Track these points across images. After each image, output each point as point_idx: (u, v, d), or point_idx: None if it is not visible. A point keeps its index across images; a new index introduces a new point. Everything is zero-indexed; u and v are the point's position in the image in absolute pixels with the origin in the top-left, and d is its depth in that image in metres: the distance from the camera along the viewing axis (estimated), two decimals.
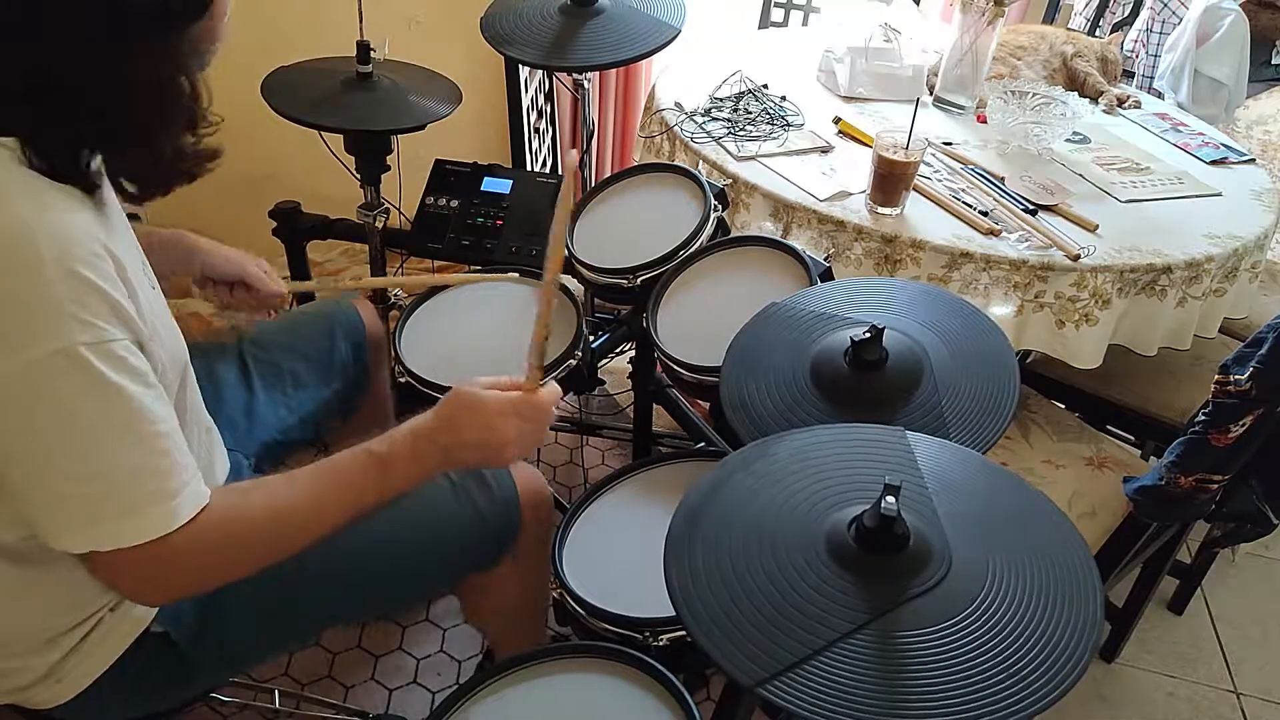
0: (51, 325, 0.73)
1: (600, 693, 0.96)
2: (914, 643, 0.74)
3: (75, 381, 0.74)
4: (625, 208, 1.59)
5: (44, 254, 0.73)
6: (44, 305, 0.73)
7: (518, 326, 1.48)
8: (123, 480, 0.77)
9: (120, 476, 0.77)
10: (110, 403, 0.76)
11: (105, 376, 0.75)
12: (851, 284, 1.22)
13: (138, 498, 0.78)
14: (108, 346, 0.76)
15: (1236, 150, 1.89)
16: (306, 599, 1.07)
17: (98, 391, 0.75)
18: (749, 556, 0.82)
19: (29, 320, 0.73)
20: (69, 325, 0.73)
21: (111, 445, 0.77)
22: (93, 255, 0.76)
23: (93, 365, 0.75)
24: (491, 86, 2.31)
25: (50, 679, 0.94)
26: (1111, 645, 1.83)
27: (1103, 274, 1.45)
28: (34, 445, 0.76)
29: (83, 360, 0.74)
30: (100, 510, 0.77)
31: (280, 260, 1.90)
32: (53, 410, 0.75)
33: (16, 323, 0.73)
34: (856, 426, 0.97)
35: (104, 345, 0.76)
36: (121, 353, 0.77)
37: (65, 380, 0.74)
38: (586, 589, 1.15)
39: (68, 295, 0.74)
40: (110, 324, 0.76)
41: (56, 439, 0.75)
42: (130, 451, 0.77)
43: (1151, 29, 2.47)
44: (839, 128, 1.78)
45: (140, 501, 0.78)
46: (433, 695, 1.62)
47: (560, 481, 2.06)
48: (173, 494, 0.80)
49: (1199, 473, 1.32)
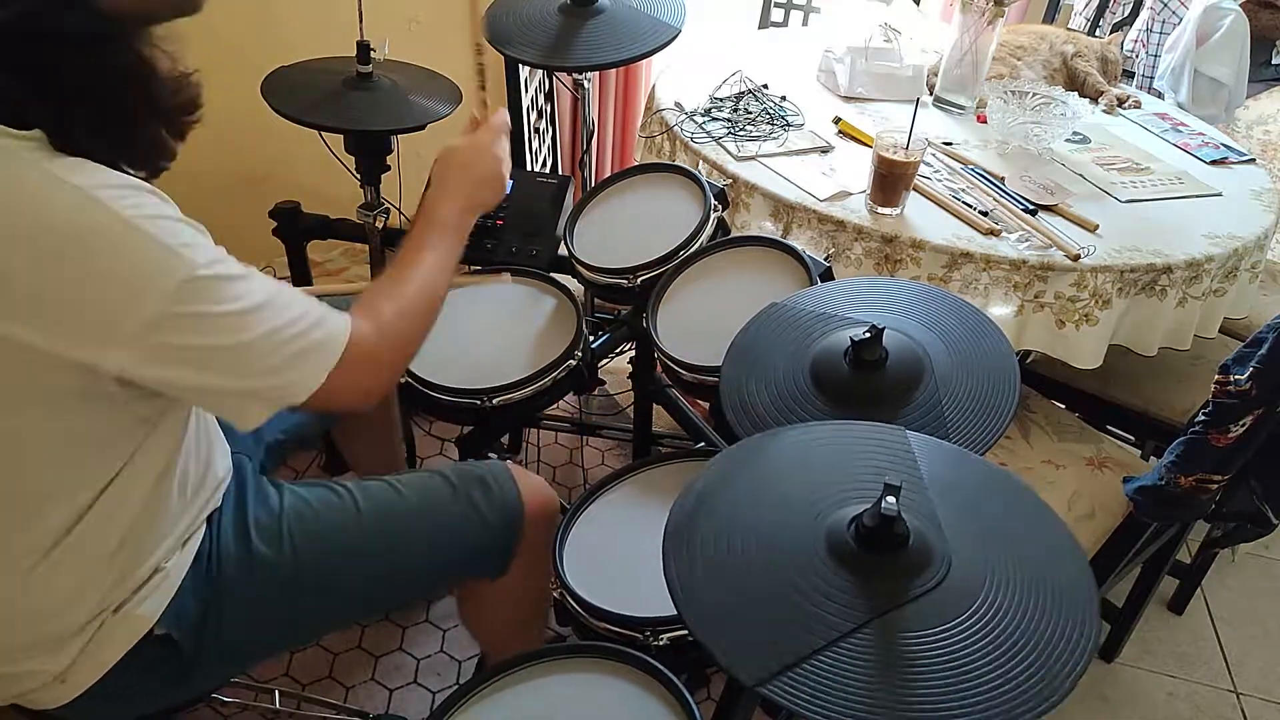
0: (162, 266, 0.78)
1: (601, 693, 0.95)
2: (914, 643, 0.74)
3: (214, 295, 0.81)
4: (625, 208, 1.59)
5: (119, 213, 0.77)
6: (146, 255, 0.78)
7: (518, 326, 1.48)
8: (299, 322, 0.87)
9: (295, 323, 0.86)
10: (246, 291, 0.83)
11: (231, 279, 0.82)
12: (851, 284, 1.22)
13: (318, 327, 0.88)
14: (215, 267, 0.81)
15: (1236, 150, 1.89)
16: (307, 600, 1.07)
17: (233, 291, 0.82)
18: (749, 555, 0.82)
19: (145, 273, 0.77)
20: (176, 259, 0.78)
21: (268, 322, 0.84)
22: (154, 199, 0.81)
23: (217, 280, 0.81)
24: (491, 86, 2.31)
25: (56, 680, 0.94)
26: (1111, 645, 1.83)
27: (1103, 274, 1.45)
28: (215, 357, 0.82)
29: (207, 282, 0.80)
30: (302, 351, 0.87)
31: (281, 260, 1.91)
32: (211, 324, 0.81)
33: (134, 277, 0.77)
34: (856, 424, 0.97)
35: (213, 265, 0.81)
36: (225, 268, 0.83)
37: (206, 300, 0.80)
38: (587, 589, 1.15)
39: (159, 235, 0.78)
40: (205, 242, 0.83)
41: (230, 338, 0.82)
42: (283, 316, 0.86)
43: (1151, 29, 2.47)
44: (839, 128, 1.78)
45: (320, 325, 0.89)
46: (433, 695, 1.62)
47: (560, 481, 2.06)
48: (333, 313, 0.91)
49: (1199, 473, 1.32)
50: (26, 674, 0.93)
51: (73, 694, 0.95)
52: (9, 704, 0.97)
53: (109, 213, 0.76)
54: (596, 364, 1.54)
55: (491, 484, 1.17)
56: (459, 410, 1.35)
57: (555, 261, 1.64)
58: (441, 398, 1.34)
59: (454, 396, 1.34)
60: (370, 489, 1.14)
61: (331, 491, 1.13)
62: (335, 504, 1.12)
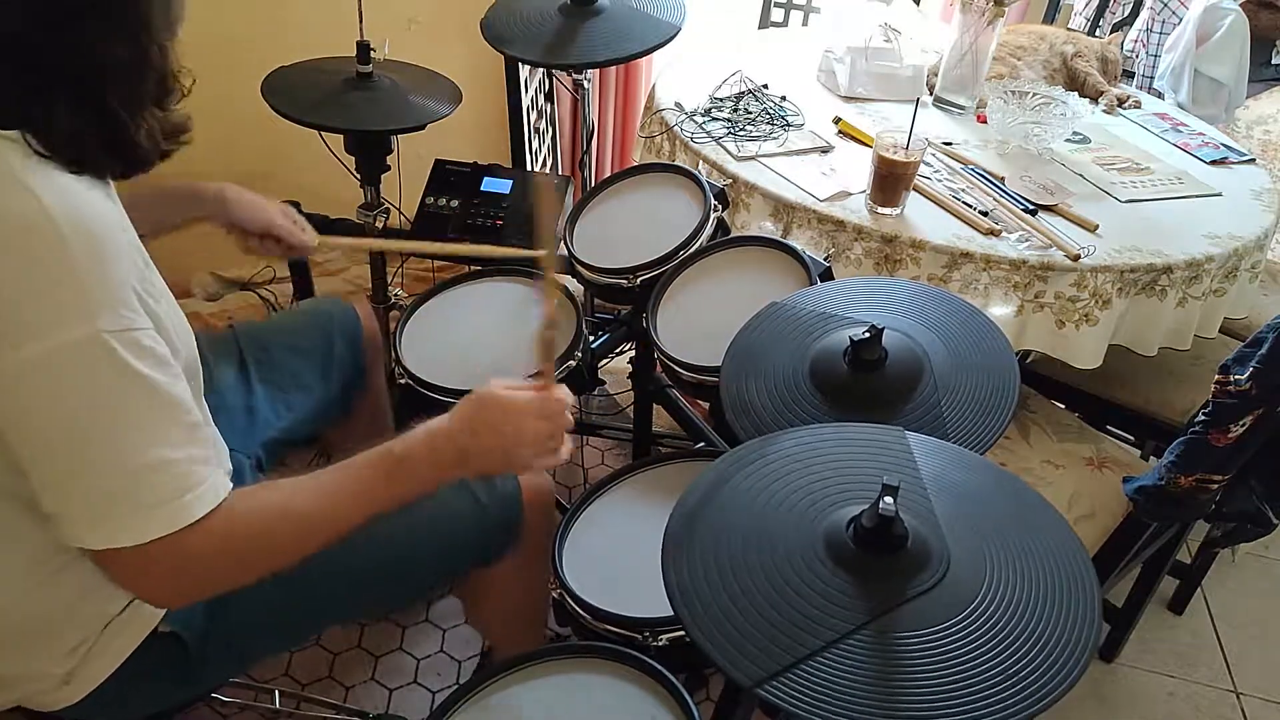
0: (77, 311, 0.72)
1: (600, 693, 0.96)
2: (913, 643, 0.74)
3: (99, 370, 0.73)
4: (625, 208, 1.59)
5: (68, 239, 0.72)
6: (69, 291, 0.72)
7: (518, 326, 1.48)
8: (143, 474, 0.76)
9: (140, 470, 0.76)
10: (132, 394, 0.75)
11: (129, 366, 0.74)
12: (851, 284, 1.22)
13: (158, 492, 0.77)
14: (134, 335, 0.75)
15: (1236, 150, 1.89)
16: (312, 595, 1.07)
17: (121, 381, 0.74)
18: (748, 556, 0.82)
19: (54, 306, 0.72)
20: (95, 311, 0.72)
21: (132, 437, 0.75)
22: (115, 242, 0.75)
23: (118, 353, 0.73)
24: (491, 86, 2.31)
25: (62, 681, 0.94)
26: (1111, 645, 1.83)
27: (1103, 274, 1.45)
28: (53, 435, 0.74)
29: (108, 348, 0.73)
30: (118, 505, 0.76)
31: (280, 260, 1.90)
32: (74, 399, 0.73)
33: (41, 308, 0.72)
34: (855, 425, 0.97)
35: (130, 333, 0.74)
36: (148, 342, 0.76)
37: (89, 369, 0.73)
38: (586, 589, 1.15)
39: (92, 281, 0.73)
40: (135, 312, 0.75)
41: (76, 429, 0.74)
42: (150, 445, 0.76)
43: (1151, 29, 2.47)
44: (839, 128, 1.78)
45: (161, 496, 0.77)
46: (433, 695, 1.62)
47: (560, 481, 2.06)
48: (192, 487, 0.78)
49: (1199, 473, 1.32)
50: (33, 676, 0.93)
51: (79, 695, 0.95)
52: (13, 706, 0.97)
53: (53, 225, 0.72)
54: (596, 364, 1.54)
55: (497, 485, 1.17)
56: None
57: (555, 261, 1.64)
58: (440, 398, 1.34)
59: (453, 397, 1.33)
60: None
61: None
62: None
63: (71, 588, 0.91)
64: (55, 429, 0.74)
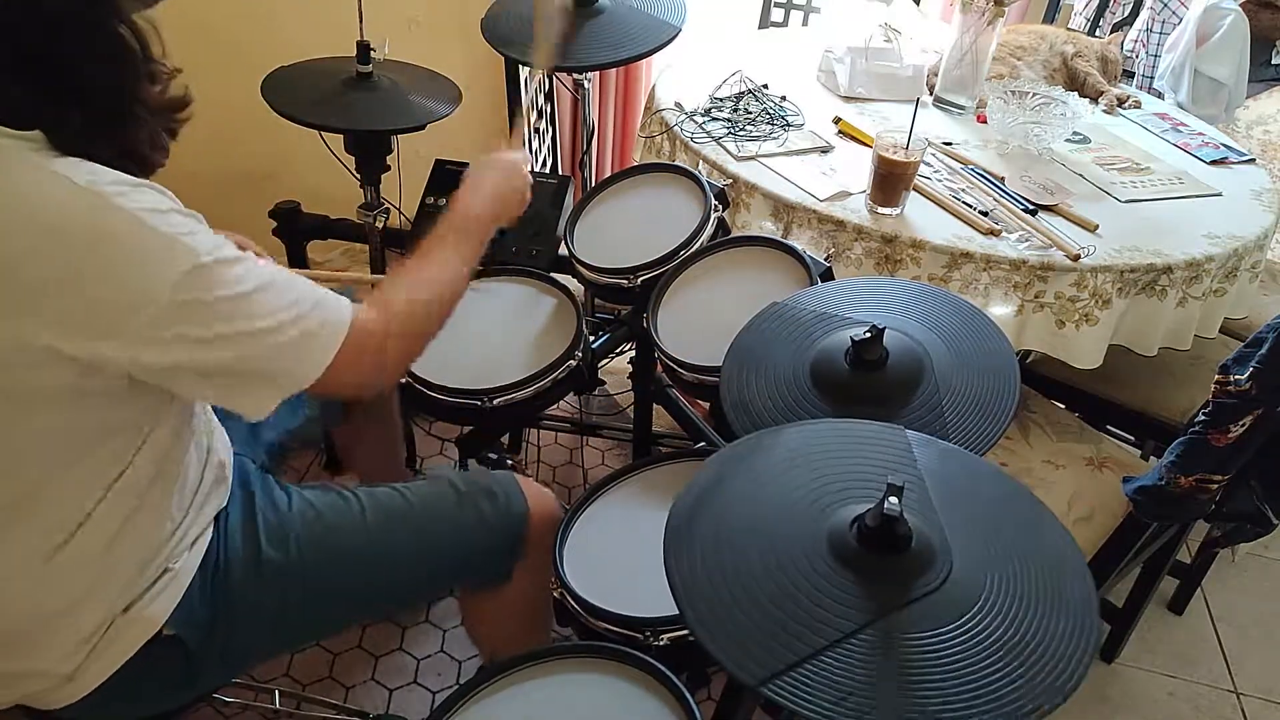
0: (169, 257, 0.80)
1: (601, 693, 0.95)
2: (916, 644, 0.74)
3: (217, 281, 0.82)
4: (625, 208, 1.59)
5: (124, 208, 0.78)
6: (154, 248, 0.79)
7: (518, 326, 1.48)
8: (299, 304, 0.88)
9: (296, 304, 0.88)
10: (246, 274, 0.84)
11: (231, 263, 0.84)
12: (851, 284, 1.22)
13: (320, 309, 0.90)
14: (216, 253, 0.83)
15: (1236, 150, 1.89)
16: (313, 602, 1.08)
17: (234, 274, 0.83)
18: (750, 554, 0.82)
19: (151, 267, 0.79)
20: (182, 250, 0.80)
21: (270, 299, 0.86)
22: (154, 193, 0.82)
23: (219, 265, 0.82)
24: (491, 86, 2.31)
25: (64, 679, 0.94)
26: (1111, 645, 1.83)
27: (1103, 274, 1.45)
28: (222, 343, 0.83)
29: (211, 268, 0.82)
30: (306, 334, 0.88)
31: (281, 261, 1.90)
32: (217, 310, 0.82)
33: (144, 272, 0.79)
34: (856, 423, 0.97)
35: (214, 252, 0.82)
36: (225, 252, 0.84)
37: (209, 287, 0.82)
38: (587, 589, 1.15)
39: (163, 228, 0.80)
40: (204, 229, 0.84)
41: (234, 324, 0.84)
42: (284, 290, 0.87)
43: (1151, 29, 2.47)
44: (839, 128, 1.78)
45: (322, 307, 0.90)
46: (433, 695, 1.62)
47: (560, 481, 2.06)
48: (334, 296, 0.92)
49: (1199, 473, 1.32)
50: (35, 674, 0.93)
51: (80, 694, 0.95)
52: (15, 704, 0.97)
53: (115, 209, 0.78)
54: (596, 364, 1.54)
55: (498, 494, 1.17)
56: (459, 410, 1.35)
57: (555, 261, 1.64)
58: (442, 398, 1.34)
59: (454, 397, 1.34)
60: (378, 495, 1.15)
61: (340, 496, 1.14)
62: (343, 508, 1.12)
63: (77, 585, 0.91)
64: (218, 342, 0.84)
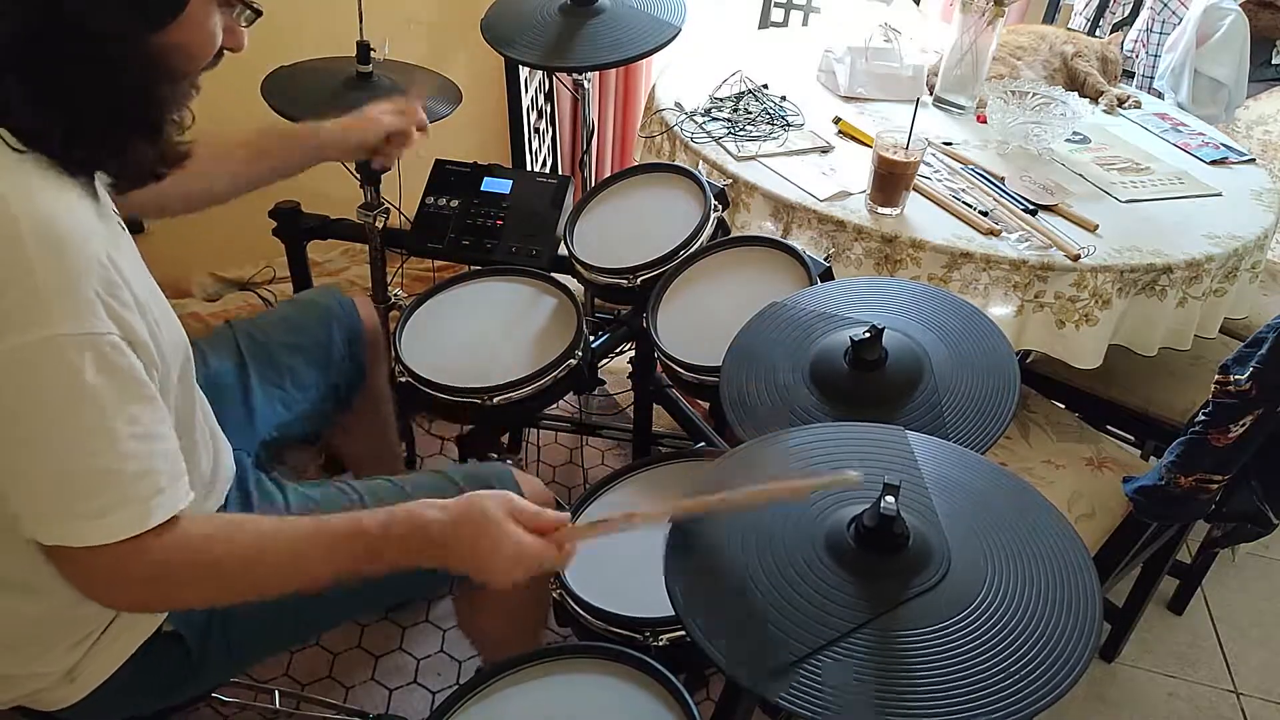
0: (36, 312, 0.71)
1: (600, 693, 0.96)
2: (913, 643, 0.74)
3: (53, 374, 0.72)
4: (625, 208, 1.59)
5: (25, 235, 0.71)
6: (27, 290, 0.71)
7: (518, 326, 1.48)
8: (92, 479, 0.75)
9: (89, 475, 0.75)
10: (84, 402, 0.74)
11: (83, 375, 0.73)
12: (851, 284, 1.22)
13: (107, 498, 0.76)
14: (92, 340, 0.74)
15: (1236, 150, 1.89)
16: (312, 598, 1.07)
17: (74, 389, 0.73)
18: (748, 555, 0.82)
19: (14, 305, 0.71)
20: (53, 313, 0.71)
21: (81, 444, 0.75)
22: (81, 239, 0.74)
23: (72, 360, 0.72)
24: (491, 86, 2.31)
25: (65, 679, 0.94)
26: (1111, 645, 1.83)
27: (1103, 274, 1.45)
28: (7, 432, 0.74)
29: (65, 353, 0.72)
30: (69, 505, 0.75)
31: (280, 260, 1.91)
32: (29, 399, 0.72)
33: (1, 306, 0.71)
34: (856, 425, 0.97)
35: (89, 338, 0.73)
36: (105, 349, 0.75)
37: (43, 371, 0.72)
38: (586, 589, 1.15)
39: (51, 284, 0.71)
40: (97, 316, 0.74)
41: (30, 429, 0.74)
42: (100, 453, 0.75)
43: (1151, 29, 2.47)
44: (839, 128, 1.78)
45: (110, 502, 0.76)
46: (433, 695, 1.62)
47: (560, 481, 2.06)
48: (145, 498, 0.77)
49: (1199, 473, 1.32)
50: (36, 674, 0.93)
51: (81, 694, 0.95)
52: (15, 705, 0.97)
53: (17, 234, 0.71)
54: (596, 364, 1.54)
55: (495, 487, 1.17)
56: (459, 410, 1.35)
57: (555, 261, 1.64)
58: (442, 397, 1.34)
59: (454, 396, 1.34)
60: (376, 488, 1.15)
61: (338, 491, 1.14)
62: (341, 501, 1.12)
63: None
64: (9, 424, 0.73)
